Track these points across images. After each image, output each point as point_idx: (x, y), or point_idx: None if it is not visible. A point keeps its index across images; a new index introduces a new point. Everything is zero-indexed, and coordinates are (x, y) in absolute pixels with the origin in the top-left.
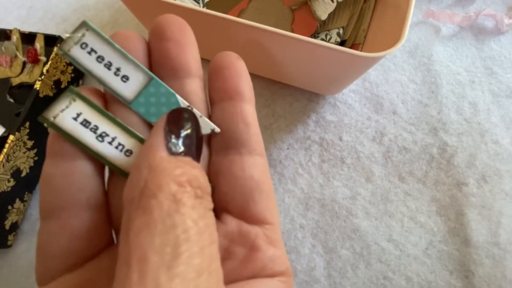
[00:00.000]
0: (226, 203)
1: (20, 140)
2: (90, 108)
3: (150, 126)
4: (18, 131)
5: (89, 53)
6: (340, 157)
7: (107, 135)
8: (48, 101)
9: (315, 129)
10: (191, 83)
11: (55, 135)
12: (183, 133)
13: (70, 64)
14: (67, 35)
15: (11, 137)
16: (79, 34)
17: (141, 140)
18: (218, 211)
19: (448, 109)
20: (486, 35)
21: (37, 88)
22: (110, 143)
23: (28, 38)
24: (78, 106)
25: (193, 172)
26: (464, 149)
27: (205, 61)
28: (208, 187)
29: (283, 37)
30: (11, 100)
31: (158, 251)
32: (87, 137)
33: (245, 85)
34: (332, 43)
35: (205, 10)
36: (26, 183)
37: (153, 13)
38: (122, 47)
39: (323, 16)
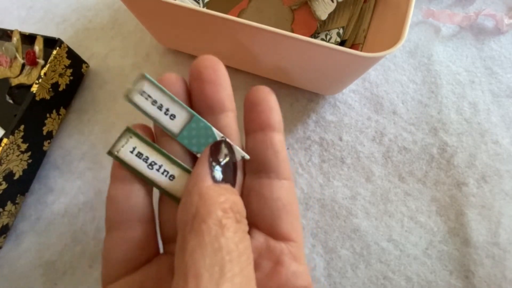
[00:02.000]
0: (256, 220)
1: (14, 143)
2: (142, 143)
3: (191, 154)
4: (13, 134)
5: (146, 98)
6: (340, 157)
7: (155, 163)
8: (45, 104)
9: (315, 129)
10: (225, 117)
11: (117, 165)
12: (223, 162)
13: (69, 67)
14: (131, 87)
15: (5, 140)
16: (141, 86)
17: (182, 167)
18: (249, 227)
19: (448, 109)
20: (486, 35)
21: (34, 91)
22: (157, 170)
23: (28, 39)
24: (133, 142)
25: (233, 198)
26: (464, 149)
27: None
28: (244, 211)
29: (283, 37)
30: (11, 101)
31: (209, 270)
32: (141, 166)
33: (275, 117)
34: (332, 43)
35: (205, 10)
36: (19, 186)
37: (153, 13)
38: (169, 90)
39: (323, 16)
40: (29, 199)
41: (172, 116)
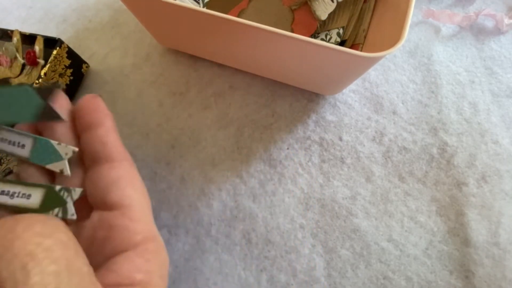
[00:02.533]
0: (92, 202)
1: None
2: (2, 183)
3: (44, 170)
4: None
5: (2, 140)
6: (340, 157)
7: (15, 192)
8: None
9: (315, 129)
10: (58, 129)
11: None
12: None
13: (69, 67)
14: None
15: None
16: None
17: (33, 185)
18: (90, 212)
19: (448, 109)
20: (486, 35)
21: None
22: (17, 196)
23: (29, 39)
24: None
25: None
26: (464, 149)
27: (206, 61)
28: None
29: (283, 37)
30: None
31: (11, 279)
32: (5, 199)
33: (98, 115)
34: (332, 43)
35: (205, 10)
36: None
37: (153, 13)
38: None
39: (323, 16)
40: None
41: (22, 146)
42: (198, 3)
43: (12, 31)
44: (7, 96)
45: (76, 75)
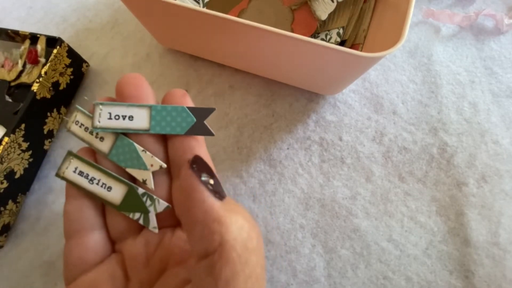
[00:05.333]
0: (180, 216)
1: (14, 141)
2: (82, 163)
3: (122, 169)
4: (13, 133)
5: (80, 127)
6: (340, 157)
7: (95, 179)
8: (45, 103)
9: (315, 129)
10: (145, 136)
11: (68, 185)
12: (204, 177)
13: (69, 66)
14: (68, 120)
15: (6, 138)
16: (74, 117)
17: (117, 179)
18: (174, 224)
19: (448, 109)
20: (486, 35)
21: (34, 90)
22: (97, 184)
23: (32, 39)
24: (75, 163)
25: (242, 214)
26: (464, 149)
27: (206, 61)
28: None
29: (283, 37)
30: (10, 100)
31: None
32: (83, 182)
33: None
34: (332, 43)
35: (205, 10)
36: (20, 184)
37: (153, 13)
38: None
39: (323, 16)
40: (29, 199)
41: (102, 139)
42: (198, 3)
43: (15, 32)
44: (167, 111)
45: (76, 74)
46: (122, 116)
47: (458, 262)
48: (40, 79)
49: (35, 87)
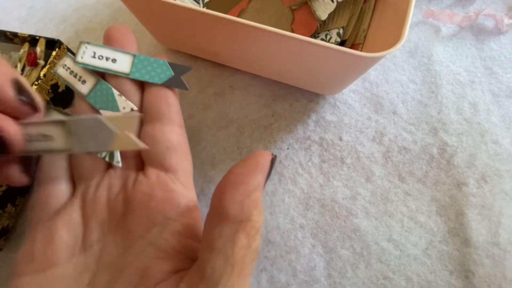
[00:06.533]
0: (149, 158)
1: None
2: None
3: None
4: None
5: (67, 70)
6: (340, 157)
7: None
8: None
9: (315, 129)
10: (125, 81)
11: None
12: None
13: None
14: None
15: None
16: (63, 60)
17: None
18: (144, 166)
19: (448, 109)
20: (486, 35)
21: None
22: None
23: (31, 42)
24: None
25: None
26: (464, 149)
27: (206, 61)
28: None
29: (283, 37)
30: None
31: (249, 265)
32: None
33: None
34: (332, 43)
35: (205, 10)
36: (18, 187)
37: (153, 13)
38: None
39: (323, 16)
40: (29, 199)
41: (84, 82)
42: (198, 3)
43: (13, 34)
44: (149, 62)
45: None
46: (106, 57)
47: (458, 262)
48: (39, 82)
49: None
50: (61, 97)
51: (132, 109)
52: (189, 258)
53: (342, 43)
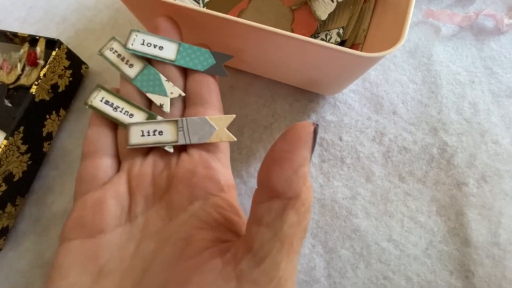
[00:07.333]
0: None
1: (13, 144)
2: (109, 94)
3: (144, 97)
4: (12, 135)
5: (113, 53)
6: (340, 157)
7: (118, 107)
8: (44, 105)
9: None
10: (170, 68)
11: (93, 114)
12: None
13: (68, 68)
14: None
15: (4, 141)
16: (110, 44)
17: (138, 107)
18: (186, 147)
19: (448, 109)
20: (486, 35)
21: (33, 92)
22: (121, 111)
23: (31, 42)
24: (102, 94)
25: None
26: (464, 149)
27: None
28: None
29: (283, 37)
30: (9, 105)
31: (298, 242)
32: (108, 110)
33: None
34: (332, 43)
35: (205, 10)
36: (18, 187)
37: (153, 13)
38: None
39: (323, 16)
40: (29, 199)
41: (131, 66)
42: (198, 3)
43: (13, 34)
44: (193, 50)
45: (75, 76)
46: (154, 44)
47: (458, 262)
48: (39, 81)
49: (33, 90)
50: (62, 96)
51: (180, 95)
52: (231, 231)
53: (342, 43)
